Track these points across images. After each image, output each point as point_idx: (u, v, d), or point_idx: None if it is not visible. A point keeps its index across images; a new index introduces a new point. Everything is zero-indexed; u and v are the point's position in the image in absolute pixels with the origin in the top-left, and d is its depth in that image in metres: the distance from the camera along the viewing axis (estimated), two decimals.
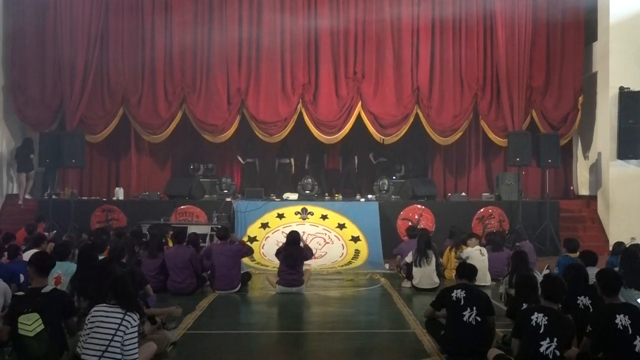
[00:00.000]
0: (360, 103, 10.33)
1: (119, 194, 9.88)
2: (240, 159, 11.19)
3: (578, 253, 5.69)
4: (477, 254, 6.55)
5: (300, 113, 10.34)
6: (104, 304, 3.27)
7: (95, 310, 3.26)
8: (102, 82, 10.36)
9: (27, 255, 5.19)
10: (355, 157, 11.07)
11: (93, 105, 10.30)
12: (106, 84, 10.36)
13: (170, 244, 6.73)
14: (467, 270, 4.30)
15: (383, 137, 10.29)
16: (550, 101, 10.41)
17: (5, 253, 5.38)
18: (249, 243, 8.56)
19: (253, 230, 8.81)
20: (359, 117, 10.33)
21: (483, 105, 10.39)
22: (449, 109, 10.33)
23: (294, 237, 6.35)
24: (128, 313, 3.20)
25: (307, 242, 7.13)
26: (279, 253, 6.43)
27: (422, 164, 11.47)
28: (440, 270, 6.78)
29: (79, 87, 10.16)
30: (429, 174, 11.17)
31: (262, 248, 8.51)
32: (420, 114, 10.32)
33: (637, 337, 3.24)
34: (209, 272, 6.33)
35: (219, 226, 7.80)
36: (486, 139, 10.78)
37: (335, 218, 8.95)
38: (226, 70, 10.38)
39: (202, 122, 10.32)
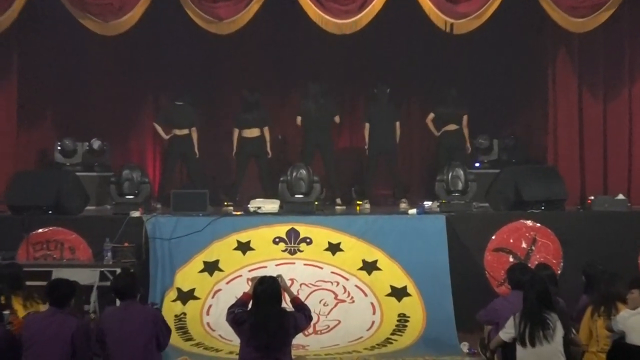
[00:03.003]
0: None
1: None
2: (159, 129, 11.29)
3: None
4: None
5: None
6: None
7: None
8: None
9: None
10: (397, 124, 11.18)
11: None
12: None
13: (18, 308, 6.71)
14: (628, 358, 4.30)
15: (451, 21, 10.26)
16: None
17: None
18: (179, 302, 8.62)
19: (187, 276, 8.82)
20: None
21: None
22: None
23: (269, 289, 6.24)
24: None
25: (299, 297, 7.01)
26: (240, 322, 6.38)
27: (536, 132, 11.56)
28: (573, 353, 6.74)
29: None
30: (549, 154, 11.20)
31: (208, 314, 8.54)
32: None
33: None
34: None
35: (119, 270, 7.77)
36: None
37: (357, 250, 8.96)
38: None
39: None
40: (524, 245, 9.22)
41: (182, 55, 11.68)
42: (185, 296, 8.64)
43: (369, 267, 8.84)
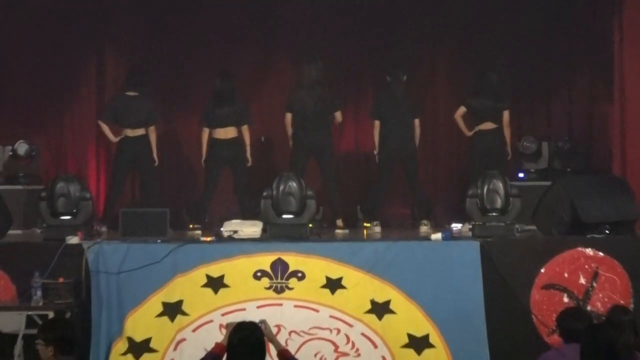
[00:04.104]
0: None
1: None
2: (105, 128, 11.34)
3: None
4: None
5: None
6: None
7: None
8: None
9: None
10: (416, 121, 11.28)
11: None
12: None
13: None
14: None
15: None
16: None
17: None
18: (130, 356, 8.69)
19: (141, 321, 8.86)
20: None
21: None
22: None
23: (249, 339, 6.25)
24: None
25: (288, 349, 7.14)
26: None
27: (597, 127, 11.69)
28: None
29: None
30: (614, 160, 11.31)
31: None
32: None
33: None
34: None
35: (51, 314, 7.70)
36: None
37: (363, 287, 9.01)
38: None
39: None
40: (582, 280, 9.21)
41: (134, 27, 11.76)
42: (139, 348, 8.65)
43: (380, 309, 8.85)
